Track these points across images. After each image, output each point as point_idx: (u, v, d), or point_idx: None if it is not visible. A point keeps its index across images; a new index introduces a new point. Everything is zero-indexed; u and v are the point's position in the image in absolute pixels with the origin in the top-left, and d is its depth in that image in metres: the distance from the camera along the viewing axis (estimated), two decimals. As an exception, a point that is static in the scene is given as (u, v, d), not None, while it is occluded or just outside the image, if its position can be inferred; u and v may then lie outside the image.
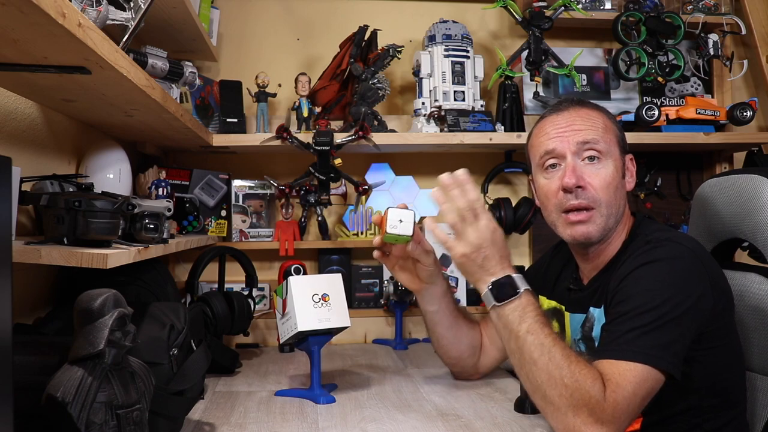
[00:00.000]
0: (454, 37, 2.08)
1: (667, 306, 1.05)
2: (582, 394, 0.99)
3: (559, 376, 1.01)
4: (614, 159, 1.23)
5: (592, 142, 1.21)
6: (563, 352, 1.03)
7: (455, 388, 1.49)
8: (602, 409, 0.99)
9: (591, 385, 1.00)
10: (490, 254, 1.13)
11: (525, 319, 1.08)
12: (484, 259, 1.14)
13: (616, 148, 1.24)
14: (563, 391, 1.01)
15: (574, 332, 1.29)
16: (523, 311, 1.09)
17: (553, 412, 1.02)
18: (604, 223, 1.21)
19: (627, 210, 1.28)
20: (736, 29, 2.24)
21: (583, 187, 1.20)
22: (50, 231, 1.09)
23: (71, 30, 0.83)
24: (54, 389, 0.83)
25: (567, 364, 1.02)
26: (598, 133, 1.22)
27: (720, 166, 2.31)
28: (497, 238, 1.15)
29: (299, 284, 1.39)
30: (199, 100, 2.00)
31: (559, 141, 1.23)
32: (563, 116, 1.26)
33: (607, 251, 1.26)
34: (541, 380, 1.04)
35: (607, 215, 1.21)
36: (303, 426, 1.23)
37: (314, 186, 2.05)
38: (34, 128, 1.33)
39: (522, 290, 1.10)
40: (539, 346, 1.04)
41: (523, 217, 2.12)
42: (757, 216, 1.27)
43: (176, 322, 1.19)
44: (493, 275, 1.13)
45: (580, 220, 1.21)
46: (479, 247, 1.13)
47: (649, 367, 1.02)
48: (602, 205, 1.20)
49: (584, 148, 1.22)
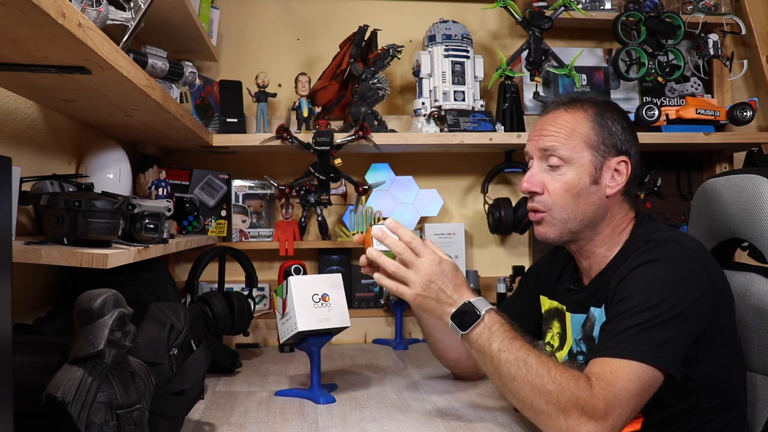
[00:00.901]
0: (454, 37, 2.08)
1: (666, 305, 1.06)
2: (568, 396, 1.00)
3: (541, 384, 1.03)
4: (580, 164, 1.22)
5: (550, 150, 1.24)
6: (538, 360, 1.05)
7: (455, 388, 1.49)
8: (592, 406, 0.99)
9: (575, 385, 1.00)
10: (442, 286, 1.16)
11: (494, 339, 1.10)
12: (438, 293, 1.16)
13: (585, 153, 1.23)
14: (548, 397, 1.02)
15: (575, 332, 1.29)
16: (489, 332, 1.11)
17: (545, 419, 1.03)
18: (561, 227, 1.24)
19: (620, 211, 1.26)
20: (736, 29, 2.24)
21: (539, 192, 1.25)
22: (50, 231, 1.09)
23: (71, 30, 0.83)
24: (54, 389, 0.83)
25: (546, 371, 1.03)
26: (559, 140, 1.23)
27: (720, 166, 2.31)
28: (446, 269, 1.17)
29: (299, 284, 1.39)
30: (199, 100, 2.00)
31: (531, 144, 1.28)
32: (543, 119, 1.30)
33: (598, 253, 1.26)
34: (524, 393, 1.05)
35: (563, 219, 1.23)
36: (303, 426, 1.23)
37: (314, 186, 2.05)
38: (34, 128, 1.33)
39: (483, 312, 1.12)
40: (514, 361, 1.06)
41: (523, 217, 2.12)
42: (758, 216, 1.27)
43: (176, 322, 1.19)
44: (453, 305, 1.15)
45: (536, 220, 1.27)
46: (429, 282, 1.16)
47: (644, 365, 1.02)
48: (554, 209, 1.24)
49: (546, 155, 1.25)
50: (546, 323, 1.40)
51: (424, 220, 2.24)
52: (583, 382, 1.01)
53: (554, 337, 1.37)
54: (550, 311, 1.39)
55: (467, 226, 2.28)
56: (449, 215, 2.30)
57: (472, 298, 1.15)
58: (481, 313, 1.12)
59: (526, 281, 1.54)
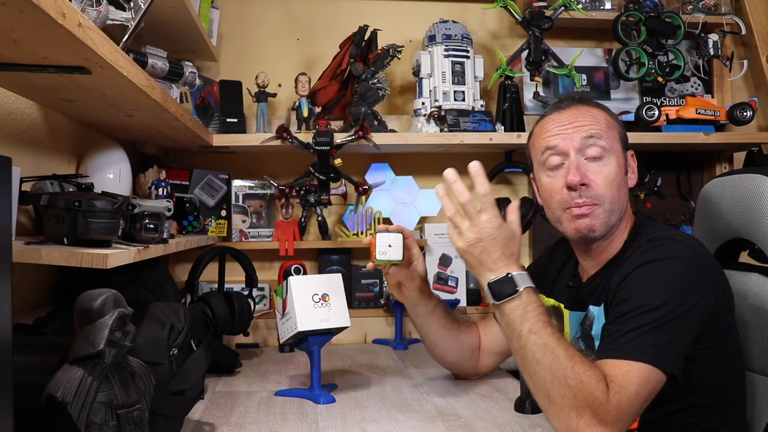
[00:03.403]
0: (454, 37, 2.08)
1: (669, 305, 1.05)
2: (586, 395, 0.99)
3: (563, 377, 1.00)
4: (617, 156, 1.23)
5: (596, 137, 1.21)
6: (567, 353, 1.02)
7: (455, 388, 1.49)
8: (605, 410, 0.98)
9: (595, 387, 0.99)
10: (490, 250, 1.11)
11: (527, 319, 1.06)
12: (482, 254, 1.11)
13: (618, 145, 1.24)
14: (567, 391, 1.00)
15: (573, 330, 1.29)
16: (524, 310, 1.07)
17: (557, 412, 1.02)
18: (607, 219, 1.21)
19: (629, 209, 1.27)
20: (736, 29, 2.24)
21: (587, 184, 1.20)
22: (50, 231, 1.09)
23: (71, 30, 0.83)
24: (54, 389, 0.83)
25: (571, 365, 1.01)
26: (601, 129, 1.22)
27: (720, 166, 2.31)
28: (500, 235, 1.12)
29: (299, 284, 1.39)
30: (199, 100, 2.00)
31: (562, 138, 1.23)
32: (565, 114, 1.26)
33: (609, 248, 1.26)
34: (544, 380, 1.03)
35: (610, 211, 1.21)
36: (303, 426, 1.23)
37: (314, 186, 2.04)
38: (34, 128, 1.33)
39: (522, 289, 1.08)
40: (542, 346, 1.03)
41: (523, 217, 2.09)
42: (760, 216, 1.27)
43: (176, 322, 1.19)
44: (492, 272, 1.11)
45: (583, 212, 1.21)
46: (477, 241, 1.11)
47: (652, 367, 1.02)
48: (606, 201, 1.20)
49: (588, 144, 1.21)
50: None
51: (424, 220, 2.24)
52: (603, 384, 1.00)
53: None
54: (549, 309, 1.39)
55: (467, 226, 2.27)
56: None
57: (515, 272, 1.10)
58: (519, 288, 1.08)
59: None
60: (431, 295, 1.44)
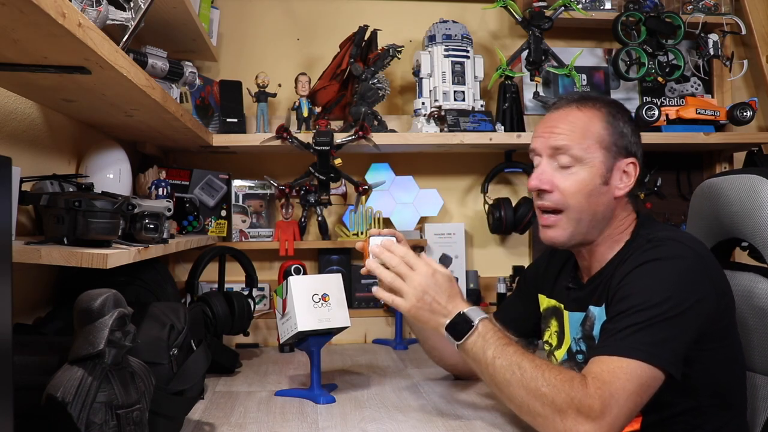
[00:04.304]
0: (454, 37, 2.08)
1: (667, 305, 1.05)
2: (563, 398, 1.00)
3: (535, 387, 1.03)
4: (592, 165, 1.21)
5: (563, 149, 1.21)
6: (532, 364, 1.06)
7: (455, 388, 1.49)
8: (588, 406, 0.99)
9: (569, 387, 1.01)
10: (437, 297, 1.18)
11: (488, 346, 1.11)
12: (432, 304, 1.18)
13: (598, 153, 1.21)
14: (544, 399, 1.02)
15: (574, 331, 1.28)
16: (483, 340, 1.12)
17: (543, 422, 1.04)
18: (574, 228, 1.22)
19: (624, 212, 1.26)
20: (736, 29, 2.24)
21: (549, 190, 1.22)
22: (50, 231, 1.09)
23: (71, 30, 0.83)
24: (54, 389, 0.83)
25: (540, 374, 1.04)
26: (573, 139, 1.21)
27: (720, 166, 2.31)
28: (439, 280, 1.19)
29: (299, 284, 1.39)
30: (199, 100, 2.00)
31: (540, 141, 1.25)
32: (552, 116, 1.27)
33: (598, 252, 1.26)
34: (521, 397, 1.05)
35: (577, 220, 1.22)
36: (303, 426, 1.23)
37: (314, 186, 2.05)
38: (34, 128, 1.33)
39: (476, 321, 1.13)
40: (509, 366, 1.07)
41: (523, 217, 2.12)
42: (756, 216, 1.27)
43: (176, 322, 1.19)
44: (447, 316, 1.17)
45: (548, 224, 1.25)
46: (423, 294, 1.18)
47: (643, 363, 1.02)
48: (570, 209, 1.21)
49: (557, 153, 1.23)
50: (544, 322, 1.41)
51: (424, 220, 2.24)
52: (577, 382, 1.02)
53: (552, 336, 1.37)
54: (548, 310, 1.39)
55: (467, 226, 2.28)
56: (449, 215, 2.30)
57: (466, 308, 1.16)
58: (474, 322, 1.13)
59: (524, 280, 1.54)
60: None
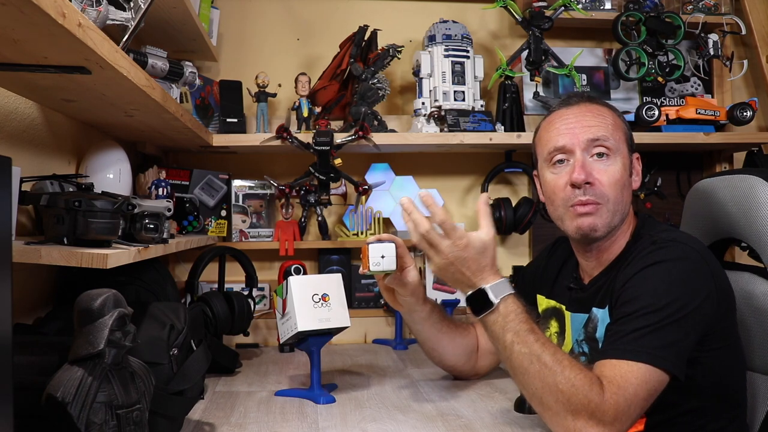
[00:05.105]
0: (454, 37, 2.08)
1: (673, 307, 1.05)
2: (579, 399, 0.99)
3: (553, 383, 1.01)
4: (622, 156, 1.22)
5: (602, 139, 1.20)
6: (554, 357, 1.03)
7: (455, 388, 1.49)
8: (603, 411, 0.98)
9: (588, 389, 0.99)
10: (462, 270, 1.13)
11: (508, 329, 1.07)
12: (455, 274, 1.15)
13: (624, 146, 1.24)
14: (559, 396, 1.00)
15: (576, 332, 1.28)
16: (504, 321, 1.08)
17: (552, 416, 1.02)
18: (610, 219, 1.20)
19: (631, 210, 1.27)
20: (736, 29, 2.24)
21: (592, 183, 1.19)
22: (50, 231, 1.09)
23: (71, 30, 0.83)
24: (54, 389, 0.83)
25: (560, 370, 1.01)
26: (608, 130, 1.21)
27: (720, 166, 2.31)
28: (467, 254, 1.13)
29: (299, 284, 1.39)
30: (199, 100, 2.00)
31: (569, 137, 1.22)
32: (573, 111, 1.25)
33: (611, 249, 1.25)
34: (535, 387, 1.04)
35: (614, 212, 1.20)
36: (303, 426, 1.23)
37: (314, 186, 2.04)
38: (34, 128, 1.33)
39: (497, 300, 1.09)
40: (528, 355, 1.04)
41: (523, 217, 2.12)
42: (753, 217, 1.26)
43: (176, 322, 1.19)
44: (470, 287, 1.14)
45: (587, 211, 1.20)
46: (448, 265, 1.14)
47: (652, 367, 1.02)
48: (609, 201, 1.20)
49: (594, 145, 1.20)
50: (543, 323, 1.40)
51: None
52: (596, 386, 1.00)
53: (552, 337, 1.36)
54: (548, 310, 1.39)
55: (467, 226, 2.25)
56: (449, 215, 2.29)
57: (490, 283, 1.11)
58: (495, 301, 1.10)
59: (522, 281, 1.53)
60: (426, 299, 1.43)
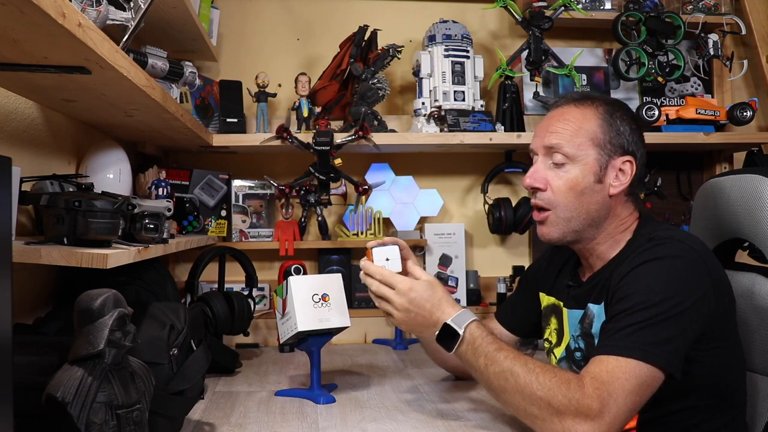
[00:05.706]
0: (454, 37, 2.08)
1: (667, 304, 1.05)
2: (560, 399, 1.01)
3: (530, 392, 1.04)
4: (585, 162, 1.21)
5: (556, 147, 1.23)
6: (525, 368, 1.07)
7: (455, 388, 1.49)
8: (586, 406, 1.00)
9: (566, 389, 1.01)
10: (420, 312, 1.20)
11: (479, 354, 1.12)
12: (417, 318, 1.20)
13: (591, 151, 1.22)
14: (540, 403, 1.03)
15: (572, 328, 1.28)
16: (474, 347, 1.13)
17: (541, 424, 1.05)
18: (564, 226, 1.23)
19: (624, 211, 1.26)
20: (736, 29, 2.24)
21: (541, 188, 1.24)
22: (50, 231, 1.09)
23: (71, 30, 0.83)
24: (54, 389, 0.83)
25: (534, 378, 1.05)
26: (565, 138, 1.22)
27: (720, 166, 2.31)
28: (416, 296, 1.20)
29: (299, 284, 1.39)
30: (199, 100, 2.00)
31: (536, 140, 1.28)
32: (550, 115, 1.29)
33: (600, 250, 1.26)
34: (517, 402, 1.07)
35: (567, 218, 1.23)
36: (303, 426, 1.23)
37: (314, 186, 2.05)
38: (34, 128, 1.33)
39: (462, 330, 1.15)
40: (501, 373, 1.08)
41: (523, 217, 2.12)
42: (759, 216, 1.26)
43: (176, 322, 1.19)
44: (434, 327, 1.19)
45: (539, 220, 1.27)
46: (406, 312, 1.21)
47: (642, 363, 1.02)
48: (558, 207, 1.23)
49: (550, 152, 1.24)
50: (545, 319, 1.41)
51: (424, 220, 2.24)
52: (573, 383, 1.02)
53: (552, 333, 1.37)
54: (549, 307, 1.40)
55: (467, 226, 2.28)
56: (449, 215, 2.30)
57: (451, 316, 1.17)
58: (460, 332, 1.15)
59: (526, 279, 1.54)
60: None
